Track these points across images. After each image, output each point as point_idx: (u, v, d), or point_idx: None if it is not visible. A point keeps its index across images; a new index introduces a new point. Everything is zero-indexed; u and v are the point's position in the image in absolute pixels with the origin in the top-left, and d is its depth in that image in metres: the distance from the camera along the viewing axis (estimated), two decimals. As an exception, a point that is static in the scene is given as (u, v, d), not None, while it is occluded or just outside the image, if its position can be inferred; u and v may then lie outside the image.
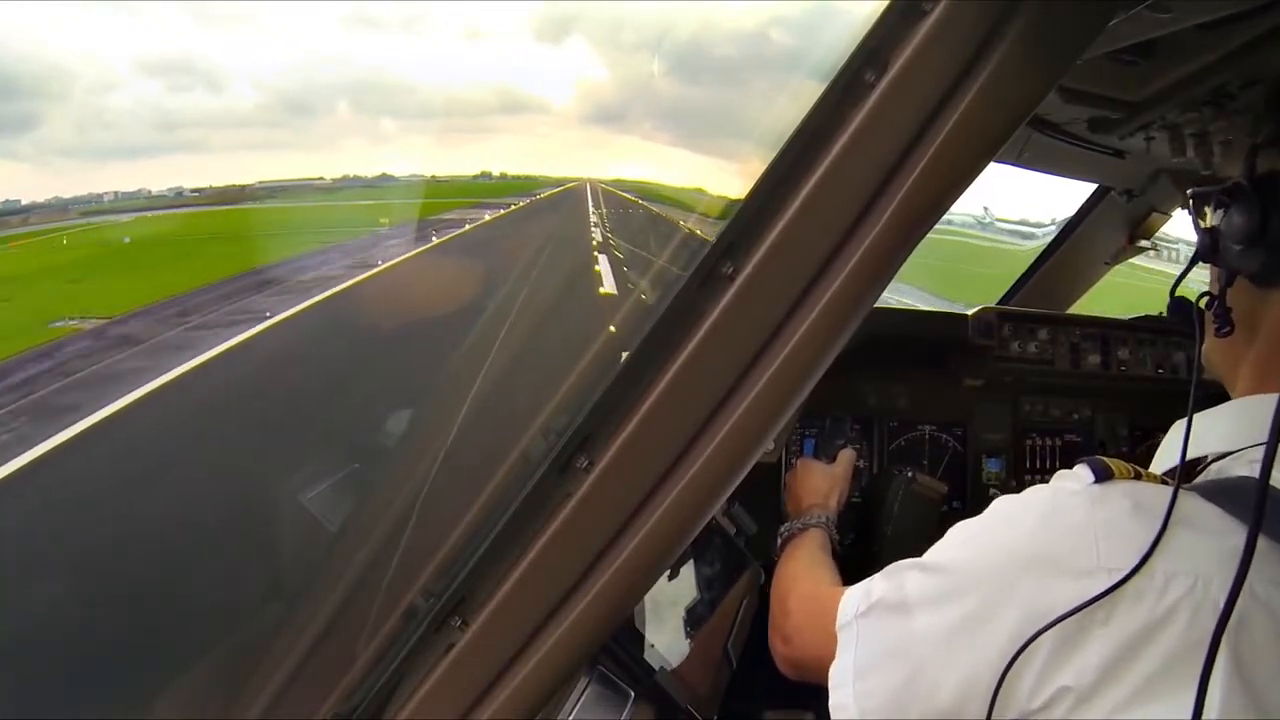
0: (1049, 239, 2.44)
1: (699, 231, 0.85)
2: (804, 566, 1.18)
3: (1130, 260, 2.35)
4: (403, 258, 14.19)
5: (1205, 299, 0.81)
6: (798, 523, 1.32)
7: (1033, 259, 2.45)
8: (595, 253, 13.93)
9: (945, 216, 0.73)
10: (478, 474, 0.90)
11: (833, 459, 1.56)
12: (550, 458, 0.73)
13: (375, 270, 12.50)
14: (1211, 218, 0.78)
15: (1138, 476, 0.72)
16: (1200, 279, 0.84)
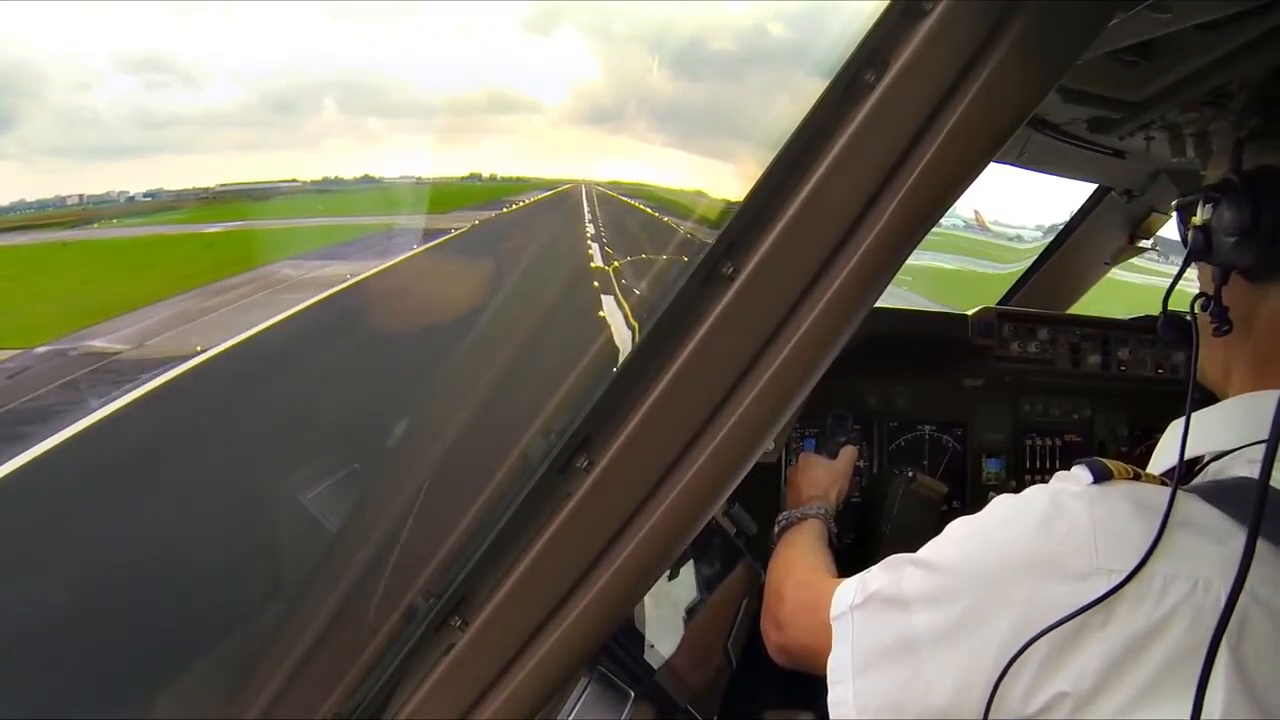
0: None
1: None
2: (800, 554, 1.18)
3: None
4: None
5: (1200, 300, 0.80)
6: (796, 512, 1.32)
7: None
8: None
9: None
10: (478, 474, 0.90)
11: (835, 455, 1.56)
12: (550, 458, 0.73)
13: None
14: (1201, 215, 0.78)
15: (1137, 477, 0.72)
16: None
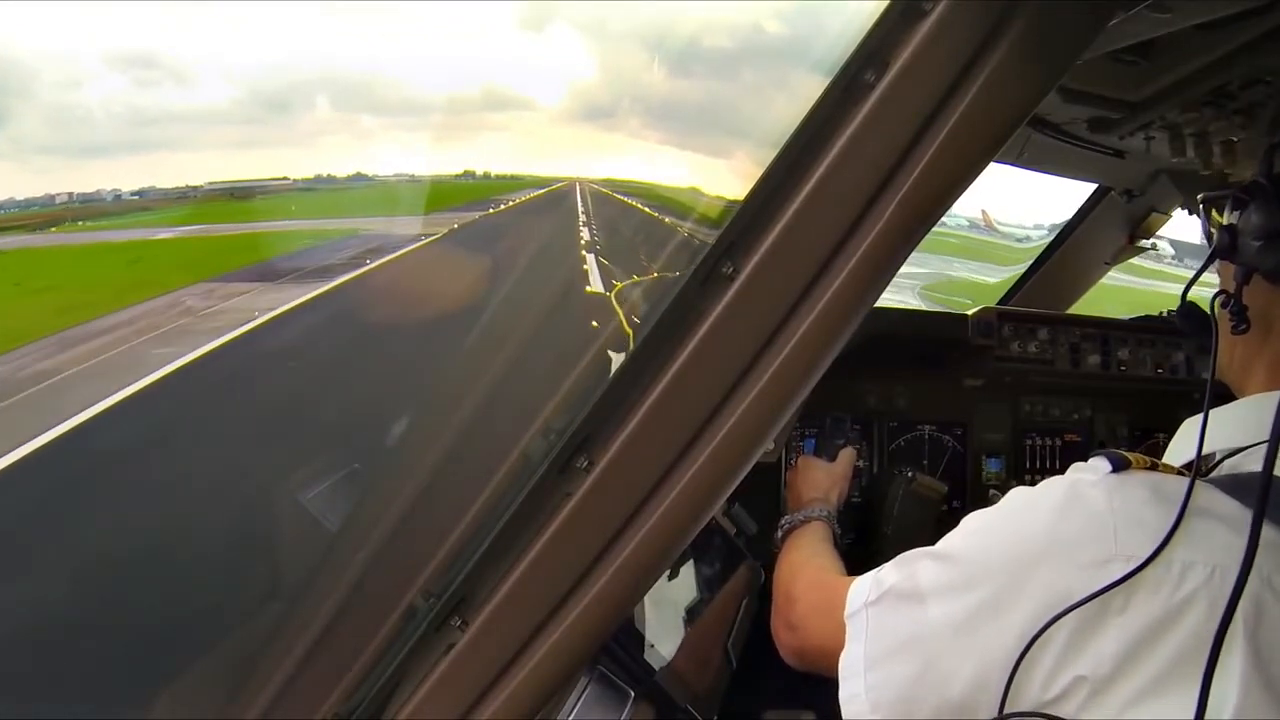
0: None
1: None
2: (808, 555, 1.18)
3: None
4: None
5: (1220, 297, 0.81)
6: (799, 515, 1.33)
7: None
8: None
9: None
10: (478, 474, 0.90)
11: (833, 458, 1.56)
12: (550, 458, 0.73)
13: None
14: (1228, 216, 0.79)
15: (1154, 468, 0.72)
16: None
